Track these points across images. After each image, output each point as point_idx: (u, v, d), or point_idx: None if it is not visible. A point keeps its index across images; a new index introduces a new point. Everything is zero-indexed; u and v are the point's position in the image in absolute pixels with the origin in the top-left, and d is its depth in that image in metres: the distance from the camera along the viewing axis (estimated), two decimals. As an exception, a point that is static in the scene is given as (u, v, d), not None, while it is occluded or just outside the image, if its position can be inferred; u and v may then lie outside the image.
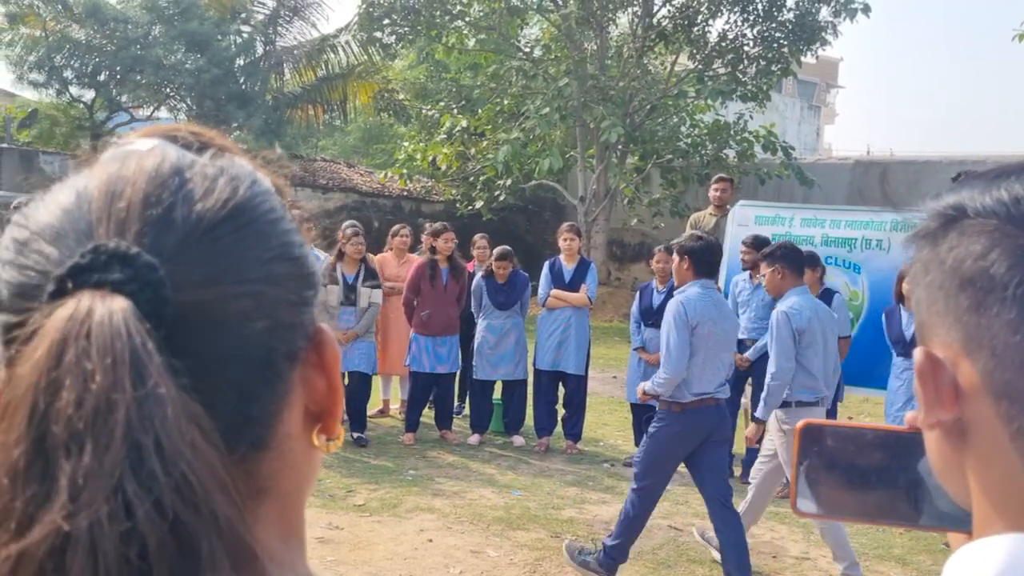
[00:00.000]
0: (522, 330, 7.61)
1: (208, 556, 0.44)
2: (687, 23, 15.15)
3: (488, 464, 6.95)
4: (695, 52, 15.47)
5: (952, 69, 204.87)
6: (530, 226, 17.81)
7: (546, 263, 7.62)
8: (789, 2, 14.70)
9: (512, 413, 7.70)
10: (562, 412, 7.55)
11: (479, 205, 16.09)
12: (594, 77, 14.38)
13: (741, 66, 15.11)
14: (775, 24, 14.79)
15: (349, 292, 7.17)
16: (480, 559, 4.98)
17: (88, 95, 19.31)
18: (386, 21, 15.44)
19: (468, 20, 15.59)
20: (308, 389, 0.57)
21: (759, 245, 6.86)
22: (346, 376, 7.04)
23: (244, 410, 0.52)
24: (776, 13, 14.70)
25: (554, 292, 7.41)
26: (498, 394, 7.81)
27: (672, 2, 15.36)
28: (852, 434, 0.77)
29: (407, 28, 15.47)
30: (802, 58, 15.31)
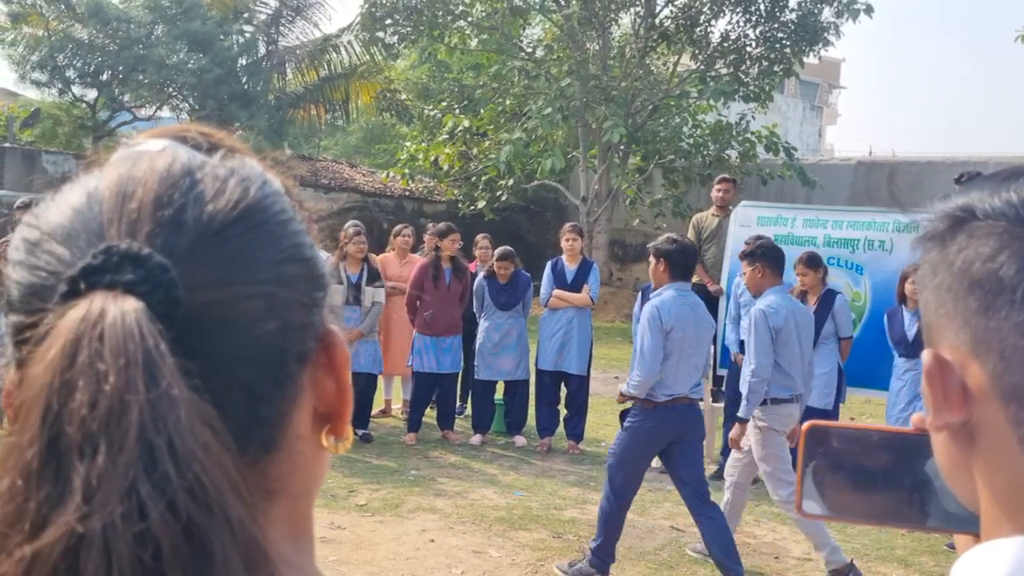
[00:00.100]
0: (524, 330, 7.61)
1: (221, 558, 0.44)
2: (689, 23, 15.14)
3: (490, 464, 6.95)
4: (697, 52, 15.46)
5: (954, 70, 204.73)
6: (532, 226, 17.80)
7: (548, 263, 7.62)
8: (791, 2, 14.69)
9: (514, 413, 7.69)
10: (564, 412, 7.55)
11: (481, 205, 16.09)
12: (596, 77, 14.37)
13: (743, 66, 15.10)
14: (777, 24, 14.78)
15: (353, 292, 7.18)
16: (482, 559, 4.98)
17: (91, 95, 19.32)
18: (388, 21, 15.44)
19: (470, 20, 15.59)
20: (317, 390, 0.57)
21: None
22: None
23: (255, 411, 0.52)
24: (778, 13, 14.69)
25: (556, 292, 7.41)
26: (500, 394, 7.81)
27: (674, 2, 15.34)
28: (858, 435, 0.77)
29: (409, 28, 15.47)
30: (804, 59, 15.30)
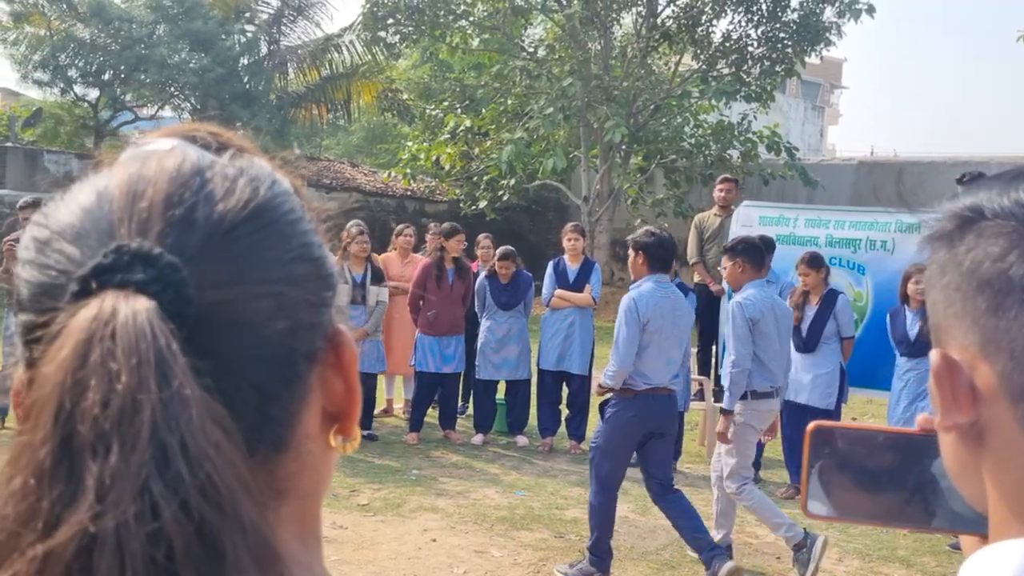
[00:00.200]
0: (525, 330, 7.61)
1: (233, 558, 0.44)
2: (691, 23, 15.13)
3: (492, 464, 6.95)
4: (699, 52, 15.45)
5: (956, 70, 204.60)
6: (534, 226, 17.79)
7: (550, 263, 7.62)
8: (793, 2, 14.67)
9: (515, 413, 7.69)
10: (566, 412, 7.55)
11: (483, 205, 16.08)
12: (598, 77, 14.36)
13: (745, 66, 15.08)
14: (779, 24, 14.76)
15: (357, 291, 7.20)
16: (484, 559, 4.98)
17: (92, 94, 19.32)
18: (390, 21, 15.43)
19: (472, 20, 15.58)
20: (326, 390, 0.57)
21: (765, 246, 6.86)
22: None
23: (265, 411, 0.52)
24: (780, 13, 14.67)
25: (558, 292, 7.41)
26: (501, 394, 7.81)
27: (676, 2, 15.33)
28: (863, 436, 0.77)
29: (411, 28, 15.46)
30: (806, 58, 15.28)
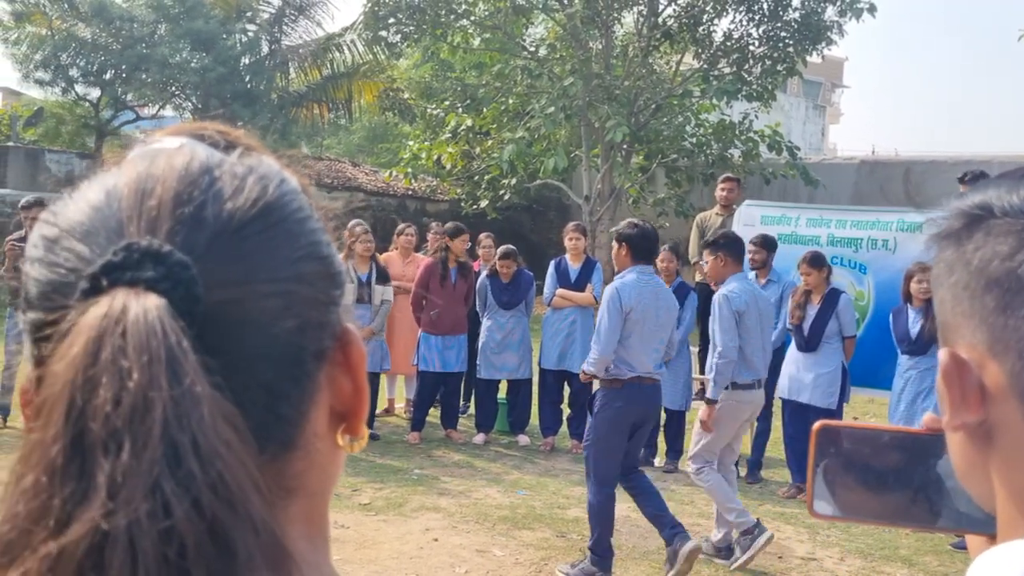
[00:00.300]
0: (526, 329, 7.60)
1: (244, 556, 0.43)
2: (692, 22, 15.11)
3: (493, 463, 6.95)
4: (700, 52, 15.42)
5: (957, 69, 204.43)
6: (535, 225, 17.78)
7: (552, 262, 7.62)
8: (795, 2, 14.64)
9: (517, 413, 7.69)
10: (567, 412, 7.55)
11: (484, 204, 16.07)
12: (599, 76, 14.35)
13: (746, 66, 15.06)
14: (780, 24, 14.73)
15: (363, 290, 7.23)
16: (486, 558, 4.98)
17: (94, 93, 19.32)
18: (391, 20, 15.41)
19: (473, 19, 15.57)
20: (334, 389, 0.56)
21: (767, 244, 6.85)
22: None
23: (274, 409, 0.52)
24: (782, 13, 14.65)
25: (560, 291, 7.41)
26: (503, 393, 7.81)
27: (677, 1, 15.31)
28: (869, 436, 0.77)
29: (412, 27, 15.44)
30: (807, 58, 15.26)
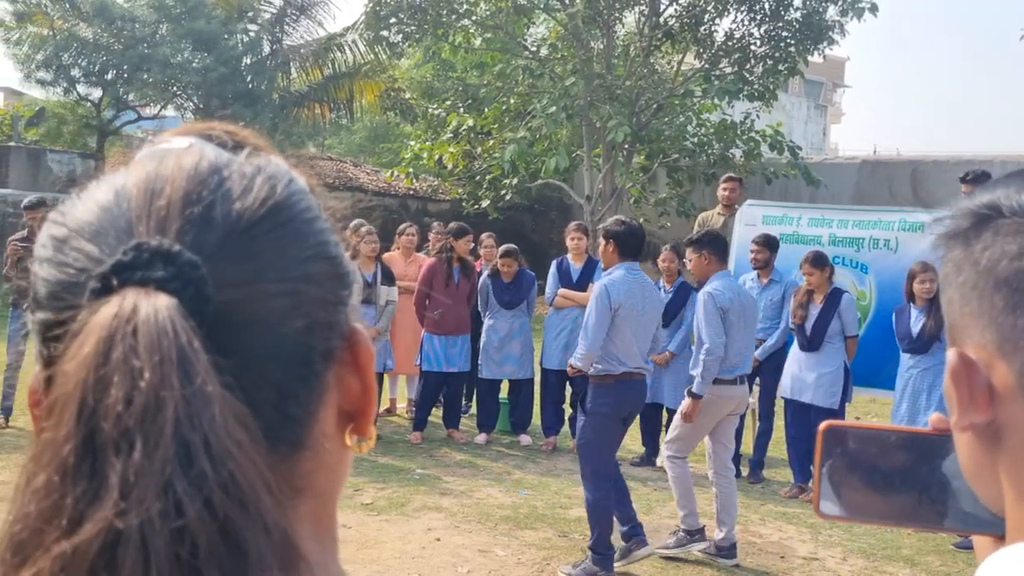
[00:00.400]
0: (528, 329, 7.60)
1: (256, 556, 0.43)
2: (694, 22, 15.10)
3: (495, 463, 6.95)
4: (702, 51, 15.41)
5: (959, 69, 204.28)
6: (536, 225, 17.78)
7: (554, 262, 7.62)
8: (796, 1, 14.64)
9: (519, 412, 7.70)
10: (569, 411, 7.54)
11: (485, 204, 16.07)
12: (601, 76, 14.34)
13: (748, 65, 15.05)
14: (782, 23, 14.73)
15: (368, 290, 7.24)
16: (488, 558, 4.98)
17: (95, 93, 19.34)
18: (393, 20, 15.41)
19: (475, 19, 15.56)
20: (342, 389, 0.56)
21: (770, 244, 6.85)
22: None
23: (283, 409, 0.52)
24: (783, 12, 14.64)
25: (562, 291, 7.41)
26: (505, 393, 7.81)
27: (679, 1, 15.31)
28: (875, 436, 0.76)
29: (414, 27, 15.44)
30: (809, 57, 15.25)
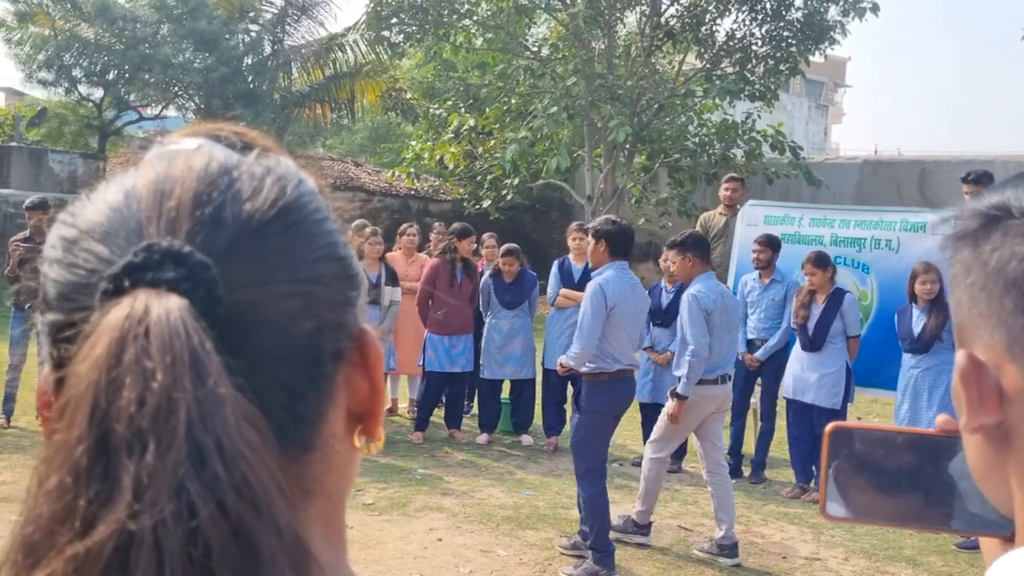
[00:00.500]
0: (530, 329, 7.60)
1: (269, 558, 0.43)
2: (695, 22, 15.10)
3: (497, 463, 6.95)
4: (703, 51, 15.41)
5: (960, 68, 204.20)
6: (537, 225, 17.78)
7: (555, 262, 7.62)
8: (797, 1, 14.64)
9: (520, 412, 7.70)
10: (571, 412, 7.54)
11: (486, 204, 16.06)
12: (602, 76, 14.34)
13: (749, 65, 15.05)
14: (783, 23, 14.72)
15: (373, 291, 7.26)
16: (490, 558, 4.98)
17: (97, 94, 19.36)
18: (394, 20, 15.40)
19: (476, 19, 15.56)
20: (351, 390, 0.56)
21: (772, 244, 6.85)
22: None
23: (293, 411, 0.51)
24: (784, 12, 14.63)
25: (563, 291, 7.40)
26: (507, 393, 7.81)
27: (680, 1, 15.31)
28: (881, 437, 0.76)
29: (415, 27, 15.43)
30: (810, 57, 15.24)
